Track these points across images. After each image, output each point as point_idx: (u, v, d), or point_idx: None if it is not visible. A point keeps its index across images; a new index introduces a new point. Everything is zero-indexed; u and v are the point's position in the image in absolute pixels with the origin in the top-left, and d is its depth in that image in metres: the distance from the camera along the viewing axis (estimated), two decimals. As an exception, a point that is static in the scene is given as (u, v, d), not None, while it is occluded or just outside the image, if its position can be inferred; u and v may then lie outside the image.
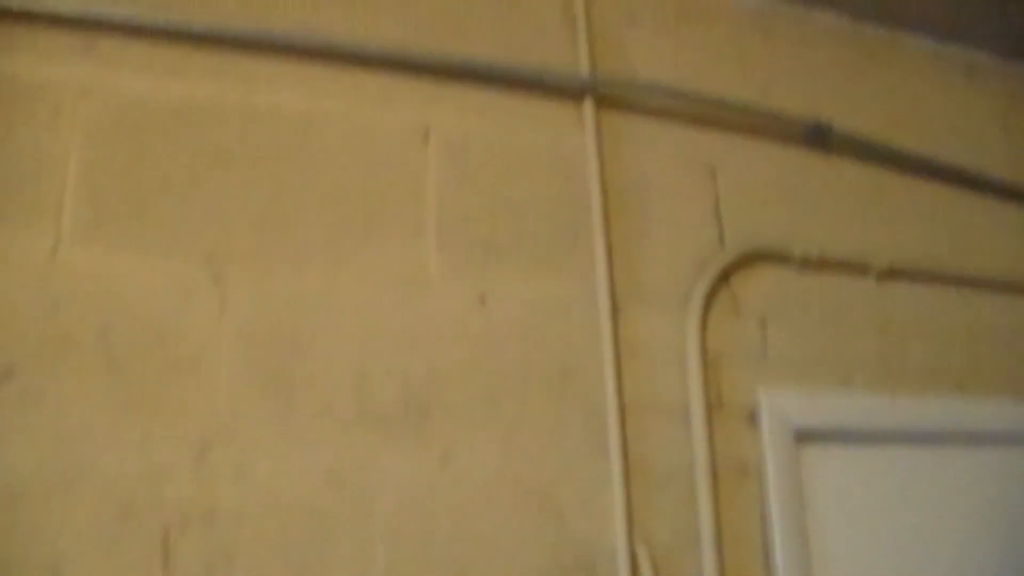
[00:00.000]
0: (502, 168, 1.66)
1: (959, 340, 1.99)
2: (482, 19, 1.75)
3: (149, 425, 1.33)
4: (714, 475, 1.65)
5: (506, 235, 1.63)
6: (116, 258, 1.39)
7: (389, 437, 1.45)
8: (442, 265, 1.58)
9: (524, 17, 1.78)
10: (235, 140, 1.51)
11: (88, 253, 1.39)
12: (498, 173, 1.66)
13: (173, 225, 1.44)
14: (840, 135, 1.94)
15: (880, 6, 2.12)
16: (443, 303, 1.57)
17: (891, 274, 1.93)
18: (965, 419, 1.94)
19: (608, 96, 1.79)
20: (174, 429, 1.34)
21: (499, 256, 1.62)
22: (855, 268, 1.91)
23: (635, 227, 1.73)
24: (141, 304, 1.38)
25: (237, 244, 1.47)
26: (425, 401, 1.50)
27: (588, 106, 1.75)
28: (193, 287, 1.42)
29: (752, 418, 1.72)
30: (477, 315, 1.58)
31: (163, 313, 1.39)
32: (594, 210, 1.69)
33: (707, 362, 1.71)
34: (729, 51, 1.96)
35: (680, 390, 1.68)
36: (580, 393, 1.60)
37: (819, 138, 1.91)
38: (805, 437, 1.76)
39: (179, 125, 1.49)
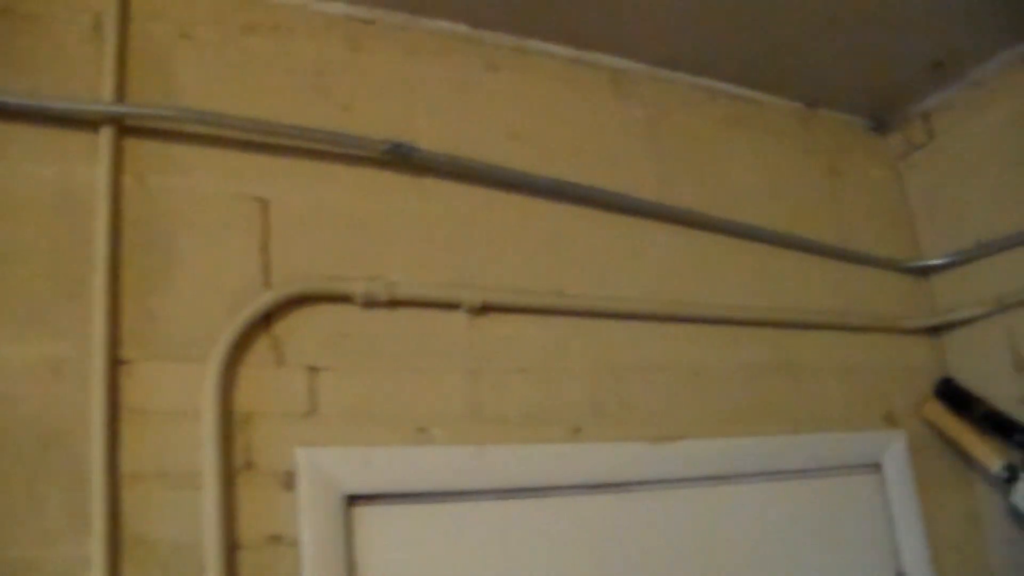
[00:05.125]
0: (-8, 213, 1.60)
1: (578, 379, 1.97)
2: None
3: None
4: (232, 549, 1.60)
5: (-15, 291, 1.56)
6: None
7: None
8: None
9: (41, 37, 1.72)
10: None
11: None
12: (-15, 219, 1.59)
13: None
14: (430, 157, 1.90)
15: (506, 11, 2.11)
16: None
17: (487, 310, 1.90)
18: (576, 468, 1.93)
19: (141, 126, 1.75)
20: None
21: (-28, 315, 1.55)
22: (441, 305, 1.87)
23: (156, 270, 1.69)
24: None
25: None
26: None
27: (105, 136, 1.69)
28: None
29: (289, 483, 1.65)
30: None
31: None
32: (98, 253, 1.63)
33: (235, 420, 1.66)
34: (306, 67, 1.92)
35: (196, 453, 1.61)
36: (63, 464, 1.54)
37: (403, 160, 1.88)
38: (362, 500, 1.73)
39: None
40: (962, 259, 2.56)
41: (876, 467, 2.40)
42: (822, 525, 2.27)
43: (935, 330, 2.62)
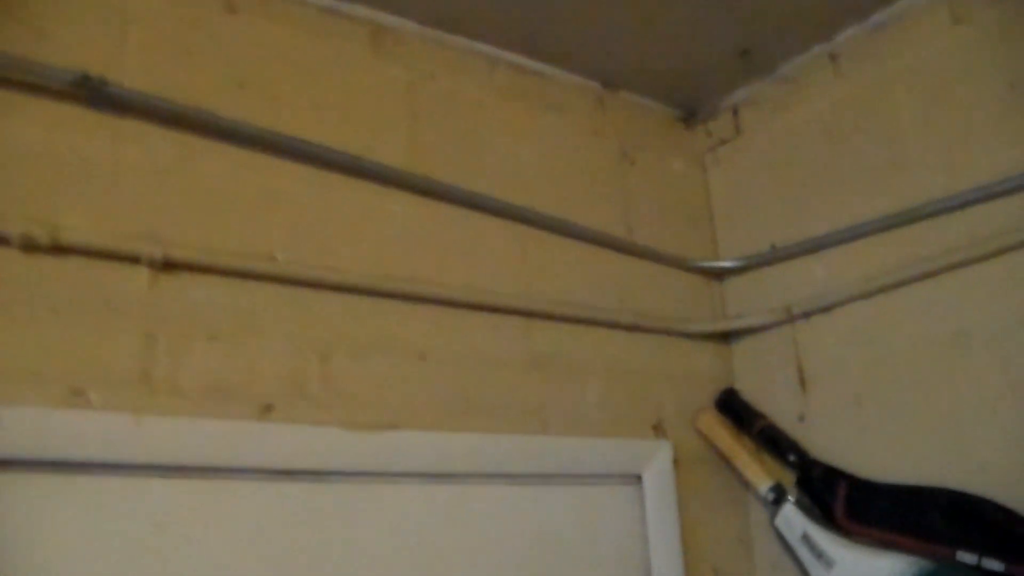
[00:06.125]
0: None
1: (278, 353, 1.85)
2: None
3: None
4: None
5: None
6: None
7: None
8: None
9: None
10: None
11: None
12: None
13: None
14: (127, 95, 1.76)
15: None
16: None
17: (174, 267, 1.75)
18: (260, 451, 1.82)
19: None
20: None
21: None
22: (118, 257, 1.72)
23: None
24: None
25: None
26: None
27: None
28: None
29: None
30: None
31: None
32: None
33: None
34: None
35: None
36: None
37: (94, 96, 1.73)
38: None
39: None
40: (756, 263, 2.45)
41: (636, 479, 2.28)
42: (568, 538, 2.15)
43: (724, 337, 2.50)
